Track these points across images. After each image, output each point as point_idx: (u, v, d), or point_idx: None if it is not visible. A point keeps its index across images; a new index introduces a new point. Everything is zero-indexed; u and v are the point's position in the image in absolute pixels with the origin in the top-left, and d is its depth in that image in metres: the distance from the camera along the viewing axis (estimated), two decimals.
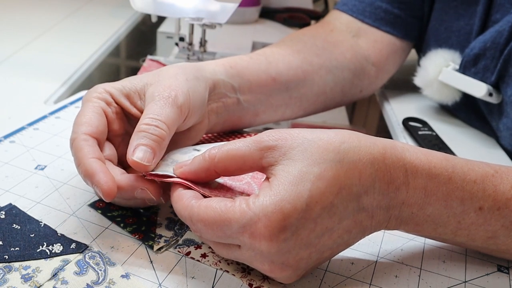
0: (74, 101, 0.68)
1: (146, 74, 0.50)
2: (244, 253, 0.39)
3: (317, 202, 0.37)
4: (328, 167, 0.38)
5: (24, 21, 1.00)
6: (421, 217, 0.42)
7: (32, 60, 0.83)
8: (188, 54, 0.82)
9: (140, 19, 1.13)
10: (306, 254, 0.39)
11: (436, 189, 0.41)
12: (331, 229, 0.38)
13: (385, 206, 0.40)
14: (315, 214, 0.37)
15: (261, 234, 0.37)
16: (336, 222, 0.38)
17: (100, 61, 0.89)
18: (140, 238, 0.44)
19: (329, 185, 0.37)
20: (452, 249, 0.47)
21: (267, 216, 0.36)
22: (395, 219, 0.42)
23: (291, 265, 0.39)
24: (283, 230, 0.36)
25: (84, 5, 1.14)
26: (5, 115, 0.64)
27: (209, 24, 0.76)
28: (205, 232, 0.39)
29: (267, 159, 0.39)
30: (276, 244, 0.37)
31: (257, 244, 0.37)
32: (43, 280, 0.39)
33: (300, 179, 0.37)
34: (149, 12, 0.77)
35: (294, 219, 0.37)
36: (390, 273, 0.44)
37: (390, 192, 0.40)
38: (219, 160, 0.40)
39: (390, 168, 0.40)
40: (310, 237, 0.38)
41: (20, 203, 0.47)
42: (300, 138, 0.39)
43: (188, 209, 0.40)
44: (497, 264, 0.46)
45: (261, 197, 0.37)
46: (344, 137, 0.40)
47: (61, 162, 0.54)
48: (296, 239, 0.37)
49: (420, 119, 0.72)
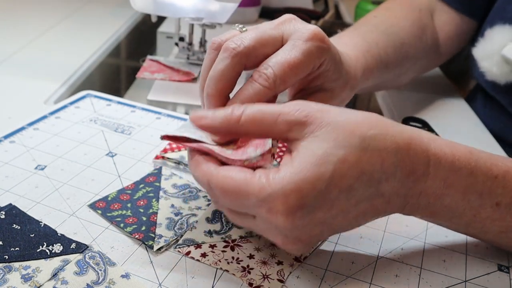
0: (74, 101, 0.68)
1: None
2: (259, 224, 0.40)
3: (336, 185, 0.37)
4: (352, 151, 0.38)
5: (24, 21, 1.00)
6: (437, 206, 0.42)
7: (32, 60, 0.83)
8: (188, 54, 0.82)
9: (140, 19, 1.12)
10: (319, 231, 0.39)
11: (456, 181, 0.41)
12: (347, 211, 0.39)
13: (403, 194, 0.41)
14: (333, 196, 0.37)
15: (278, 210, 0.37)
16: (353, 205, 0.39)
17: (100, 61, 0.89)
18: (140, 238, 0.44)
19: (351, 169, 0.38)
20: (452, 249, 0.47)
21: (286, 194, 0.36)
22: (411, 206, 0.42)
23: (303, 240, 0.39)
24: (300, 208, 0.37)
25: (84, 5, 1.14)
26: (5, 115, 0.64)
27: (209, 24, 0.76)
28: (222, 200, 0.39)
29: (294, 133, 0.39)
30: (292, 221, 0.37)
31: (273, 219, 0.37)
32: (43, 280, 0.39)
33: (323, 160, 0.37)
34: (149, 12, 0.77)
35: (312, 199, 0.37)
36: (391, 272, 0.44)
37: (409, 182, 0.40)
38: (243, 123, 0.40)
39: (413, 159, 0.40)
40: (325, 217, 0.38)
41: (20, 203, 0.47)
42: (330, 118, 0.39)
43: (207, 176, 0.39)
44: (498, 263, 0.46)
45: (281, 173, 0.37)
46: (372, 123, 0.40)
47: (61, 162, 0.54)
48: (311, 218, 0.38)
49: (420, 119, 0.72)
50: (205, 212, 0.48)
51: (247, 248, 0.45)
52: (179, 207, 0.49)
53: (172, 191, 0.51)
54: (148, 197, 0.50)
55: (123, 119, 0.64)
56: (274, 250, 0.44)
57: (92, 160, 0.55)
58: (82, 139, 0.59)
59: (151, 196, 0.50)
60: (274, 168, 0.38)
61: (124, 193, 0.50)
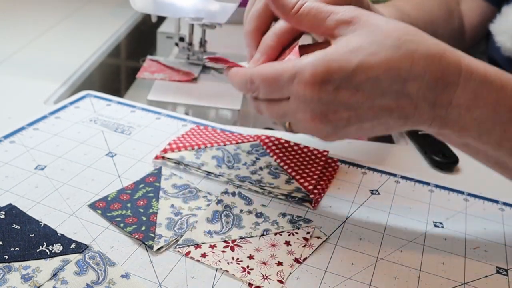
0: (74, 101, 0.68)
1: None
2: (291, 104, 0.43)
3: (363, 72, 0.40)
4: (384, 49, 0.41)
5: (24, 21, 1.00)
6: (467, 119, 0.43)
7: (32, 60, 0.82)
8: (188, 54, 0.82)
9: (140, 19, 1.12)
10: (346, 115, 0.42)
11: (486, 93, 0.42)
12: (372, 100, 0.41)
13: (431, 102, 0.42)
14: (358, 80, 0.41)
15: (306, 80, 0.41)
16: (378, 95, 0.41)
17: (100, 61, 0.89)
18: (140, 238, 0.44)
19: (379, 62, 0.40)
20: (451, 251, 0.47)
21: (314, 66, 0.41)
22: (440, 119, 0.43)
23: (331, 120, 0.43)
24: (325, 82, 0.41)
25: (84, 5, 1.14)
26: (5, 115, 0.64)
27: (209, 24, 0.76)
28: (262, 88, 0.44)
29: (339, 30, 0.43)
30: (318, 92, 0.41)
31: (301, 90, 0.41)
32: (43, 280, 0.39)
33: (355, 50, 0.41)
34: (149, 12, 0.77)
35: (337, 77, 0.41)
36: (390, 274, 0.44)
37: (438, 87, 0.41)
38: (301, 13, 0.44)
39: (444, 67, 0.41)
40: (350, 100, 0.41)
41: (20, 203, 0.47)
42: (374, 21, 0.42)
43: (248, 74, 0.45)
44: (496, 266, 0.46)
45: (314, 54, 0.42)
46: (410, 31, 0.42)
47: (61, 162, 0.54)
48: (336, 95, 0.41)
49: None
50: (205, 212, 0.48)
51: (247, 248, 0.45)
52: (179, 207, 0.49)
53: (172, 191, 0.51)
54: (148, 197, 0.50)
55: (123, 119, 0.64)
56: (274, 251, 0.45)
57: (92, 160, 0.55)
58: (82, 139, 0.59)
59: (151, 196, 0.50)
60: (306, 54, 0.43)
61: (124, 193, 0.50)
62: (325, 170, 0.57)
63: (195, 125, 0.65)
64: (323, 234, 0.47)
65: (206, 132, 0.63)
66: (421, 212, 0.52)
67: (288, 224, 0.48)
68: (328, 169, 0.58)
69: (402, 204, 0.53)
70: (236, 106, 0.72)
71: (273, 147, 0.59)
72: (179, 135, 0.61)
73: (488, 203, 0.55)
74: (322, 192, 0.54)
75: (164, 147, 0.58)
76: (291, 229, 0.47)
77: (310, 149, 0.59)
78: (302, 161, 0.57)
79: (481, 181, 0.60)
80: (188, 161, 0.55)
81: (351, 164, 0.60)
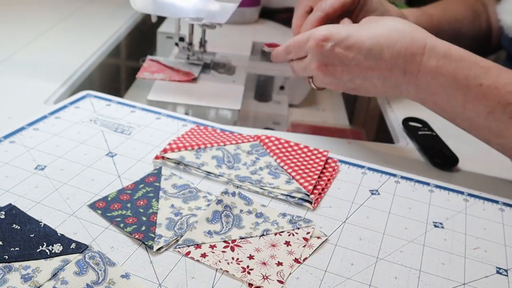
0: (74, 101, 0.68)
1: None
2: (308, 58, 0.63)
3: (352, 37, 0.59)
4: (370, 27, 0.60)
5: (24, 21, 1.00)
6: (435, 86, 0.55)
7: (32, 60, 0.83)
8: (188, 54, 0.82)
9: (140, 19, 1.13)
10: (340, 69, 0.60)
11: (448, 63, 0.55)
12: (358, 60, 0.58)
13: (402, 69, 0.57)
14: (349, 43, 0.59)
15: (314, 38, 0.61)
16: (363, 56, 0.58)
17: (100, 61, 0.89)
18: (140, 238, 0.44)
19: (366, 34, 0.58)
20: (451, 252, 0.47)
21: (320, 30, 0.61)
22: (414, 85, 0.57)
23: (331, 72, 0.61)
24: (326, 40, 0.60)
25: (84, 5, 1.14)
26: (5, 115, 0.64)
27: (209, 24, 0.76)
28: (293, 50, 0.66)
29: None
30: (320, 47, 0.60)
31: (311, 45, 0.61)
32: (43, 280, 0.39)
33: (349, 27, 0.61)
34: (149, 12, 0.77)
35: (334, 38, 0.59)
36: (390, 274, 0.44)
37: (406, 55, 0.56)
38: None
39: (413, 40, 0.56)
40: (343, 56, 0.59)
41: (20, 203, 0.47)
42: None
43: (284, 45, 0.68)
44: (496, 266, 0.46)
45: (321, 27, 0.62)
46: (399, 24, 0.59)
47: (61, 162, 0.54)
48: (332, 50, 0.60)
49: (420, 119, 0.72)
50: (205, 212, 0.48)
51: (247, 248, 0.45)
52: (179, 207, 0.49)
53: (172, 191, 0.51)
54: (148, 197, 0.50)
55: (123, 119, 0.64)
56: (274, 251, 0.45)
57: (92, 160, 0.55)
58: (82, 139, 0.59)
59: (151, 196, 0.50)
60: None
61: (124, 193, 0.50)
62: (325, 170, 0.57)
63: (195, 125, 0.65)
64: (323, 234, 0.47)
65: (206, 132, 0.63)
66: (421, 212, 0.52)
67: (288, 224, 0.48)
68: (328, 169, 0.58)
69: (402, 204, 0.53)
70: (236, 106, 0.72)
71: (273, 147, 0.59)
72: (179, 135, 0.61)
73: (488, 203, 0.55)
74: (322, 192, 0.54)
75: (164, 147, 0.58)
76: (291, 229, 0.47)
77: (310, 149, 0.59)
78: (302, 161, 0.57)
79: (481, 181, 0.60)
80: (188, 161, 0.56)
81: (351, 164, 0.60)
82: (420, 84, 0.56)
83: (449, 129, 0.64)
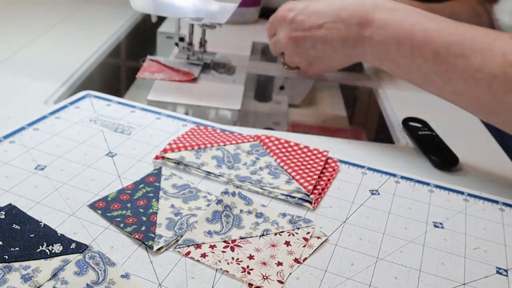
0: (74, 101, 0.68)
1: None
2: (278, 34, 0.75)
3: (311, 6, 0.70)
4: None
5: (24, 21, 1.00)
6: (385, 37, 0.62)
7: (32, 60, 0.83)
8: (188, 54, 0.82)
9: (140, 19, 1.13)
10: (303, 35, 0.71)
11: (396, 16, 0.61)
12: (318, 25, 0.68)
13: (357, 23, 0.65)
14: (309, 11, 0.70)
15: (280, 9, 0.74)
16: (322, 20, 0.68)
17: (100, 61, 0.89)
18: (140, 238, 0.44)
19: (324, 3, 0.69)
20: (451, 252, 0.47)
21: (285, 4, 0.74)
22: (368, 41, 0.64)
23: (295, 40, 0.72)
24: (289, 10, 0.72)
25: (84, 5, 1.14)
26: (5, 115, 0.64)
27: (209, 24, 0.76)
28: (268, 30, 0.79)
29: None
30: (285, 17, 0.72)
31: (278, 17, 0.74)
32: (43, 280, 0.39)
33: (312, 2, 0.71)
34: (149, 12, 0.77)
35: (297, 7, 0.71)
36: (390, 274, 0.44)
37: (361, 14, 0.64)
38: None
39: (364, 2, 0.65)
40: (304, 22, 0.70)
41: (20, 203, 0.47)
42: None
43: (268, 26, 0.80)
44: (496, 266, 0.46)
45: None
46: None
47: (61, 162, 0.54)
48: (295, 18, 0.71)
49: (420, 119, 0.72)
50: (205, 212, 0.48)
51: (247, 248, 0.45)
52: (179, 207, 0.49)
53: (172, 191, 0.51)
54: (148, 197, 0.50)
55: (123, 119, 0.64)
56: (274, 251, 0.45)
57: (92, 160, 0.55)
58: (82, 139, 0.59)
59: (151, 196, 0.50)
60: None
61: (124, 193, 0.50)
62: (325, 170, 0.57)
63: (195, 125, 0.65)
64: (323, 234, 0.47)
65: (206, 132, 0.63)
66: (421, 212, 0.52)
67: (288, 224, 0.48)
68: (328, 169, 0.58)
69: (402, 204, 0.53)
70: (236, 106, 0.72)
71: (273, 147, 0.59)
72: (179, 135, 0.61)
73: (488, 203, 0.55)
74: (322, 192, 0.54)
75: (164, 147, 0.58)
76: (291, 229, 0.47)
77: (310, 149, 0.59)
78: (302, 161, 0.57)
79: (481, 181, 0.60)
80: (188, 161, 0.56)
81: (351, 164, 0.60)
82: (374, 39, 0.62)
83: (449, 129, 0.64)
